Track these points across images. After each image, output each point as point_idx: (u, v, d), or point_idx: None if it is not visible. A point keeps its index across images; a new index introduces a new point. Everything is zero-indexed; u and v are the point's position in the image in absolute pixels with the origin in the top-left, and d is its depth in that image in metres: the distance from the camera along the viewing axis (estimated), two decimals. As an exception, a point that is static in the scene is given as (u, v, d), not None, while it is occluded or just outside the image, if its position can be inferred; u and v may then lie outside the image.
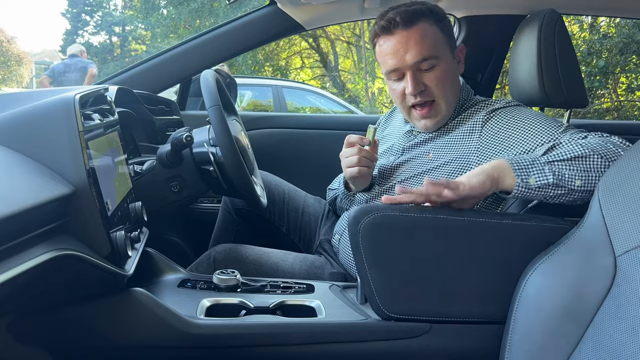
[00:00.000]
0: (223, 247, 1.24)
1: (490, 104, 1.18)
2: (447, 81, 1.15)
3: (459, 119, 1.21)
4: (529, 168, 0.91)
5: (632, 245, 0.74)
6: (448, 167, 1.15)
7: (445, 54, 1.15)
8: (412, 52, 1.11)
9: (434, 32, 1.13)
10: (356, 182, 1.24)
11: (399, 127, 1.36)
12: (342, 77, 13.80)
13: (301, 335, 0.91)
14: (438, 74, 1.13)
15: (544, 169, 0.91)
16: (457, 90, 1.20)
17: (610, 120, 6.31)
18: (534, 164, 0.92)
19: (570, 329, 0.78)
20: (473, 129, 1.15)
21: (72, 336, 0.86)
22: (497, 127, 1.11)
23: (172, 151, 1.19)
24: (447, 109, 1.18)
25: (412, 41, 1.11)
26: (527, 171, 0.91)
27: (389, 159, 1.29)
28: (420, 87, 1.13)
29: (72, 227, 0.73)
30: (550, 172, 0.90)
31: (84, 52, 5.84)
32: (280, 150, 1.90)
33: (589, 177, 0.90)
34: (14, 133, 0.75)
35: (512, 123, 1.09)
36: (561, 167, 0.90)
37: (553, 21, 1.21)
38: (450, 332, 0.92)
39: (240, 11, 10.78)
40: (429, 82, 1.14)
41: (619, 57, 6.32)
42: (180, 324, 0.86)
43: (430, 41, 1.12)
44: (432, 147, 1.20)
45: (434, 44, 1.12)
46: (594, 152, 0.91)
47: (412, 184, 1.18)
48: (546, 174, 0.90)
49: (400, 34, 1.11)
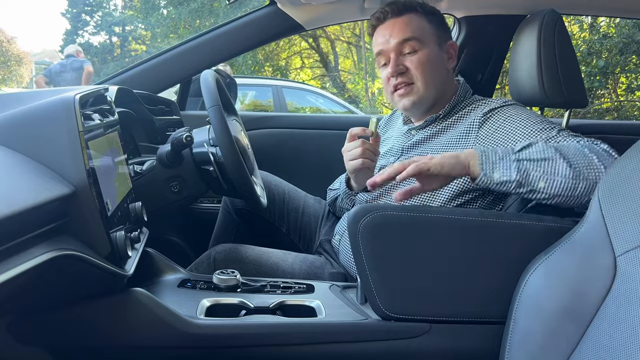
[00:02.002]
0: (223, 247, 1.24)
1: (487, 103, 1.19)
2: (429, 67, 1.20)
3: (456, 117, 1.22)
4: (496, 162, 0.93)
5: (632, 245, 0.74)
6: None
7: (431, 41, 1.21)
8: (396, 35, 1.20)
9: (421, 21, 1.22)
10: (358, 176, 1.23)
11: (399, 129, 1.37)
12: (342, 77, 13.80)
13: (301, 335, 0.91)
14: (420, 57, 1.19)
15: (510, 166, 0.92)
16: (440, 79, 1.23)
17: (610, 120, 6.31)
18: (503, 160, 0.93)
19: (570, 329, 0.78)
20: (470, 129, 1.15)
21: (72, 336, 0.86)
22: (494, 128, 1.12)
23: (172, 151, 1.19)
24: (426, 91, 1.20)
25: (398, 26, 1.21)
26: (493, 165, 0.92)
27: (389, 160, 1.29)
28: (401, 68, 1.20)
29: (72, 227, 0.73)
30: (516, 170, 0.91)
31: (81, 52, 5.86)
32: (280, 150, 1.90)
33: (554, 181, 0.90)
34: (14, 133, 0.75)
35: (508, 124, 1.10)
36: (528, 166, 0.91)
37: (553, 21, 1.22)
38: (450, 332, 0.92)
39: (240, 11, 10.79)
40: (410, 64, 1.20)
41: (619, 57, 6.32)
42: (180, 324, 0.86)
43: (414, 27, 1.20)
44: (430, 149, 1.20)
45: (418, 30, 1.20)
46: (564, 158, 0.91)
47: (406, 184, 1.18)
48: (511, 171, 0.91)
49: (389, 21, 1.23)
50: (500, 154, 0.94)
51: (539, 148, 0.94)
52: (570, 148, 0.94)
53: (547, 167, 0.91)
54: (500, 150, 0.95)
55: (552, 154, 0.92)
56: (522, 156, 0.93)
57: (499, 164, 0.92)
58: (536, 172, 0.91)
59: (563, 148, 0.94)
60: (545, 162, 0.91)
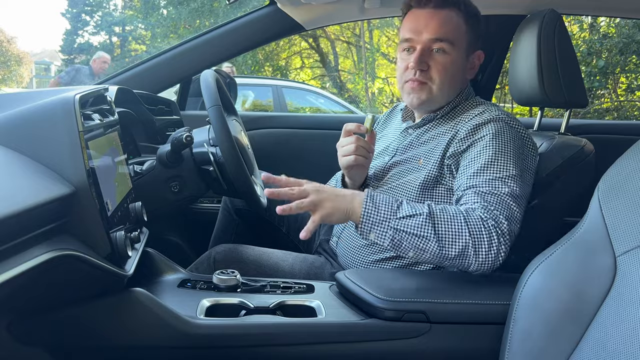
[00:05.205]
0: (223, 247, 1.24)
1: (479, 113, 1.14)
2: (450, 73, 1.16)
3: (450, 115, 1.20)
4: (375, 225, 0.97)
5: (632, 246, 0.74)
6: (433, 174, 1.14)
7: (461, 47, 1.17)
8: (430, 30, 1.14)
9: (460, 22, 1.16)
10: (352, 173, 1.22)
11: (397, 127, 1.35)
12: (342, 77, 13.81)
13: (301, 335, 0.91)
14: (445, 61, 1.15)
15: (387, 232, 0.96)
16: (455, 87, 1.20)
17: (610, 120, 6.31)
18: (382, 224, 0.96)
19: (570, 330, 0.78)
20: (453, 139, 1.13)
21: (72, 336, 0.85)
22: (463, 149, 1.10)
23: (172, 151, 1.19)
24: (439, 95, 1.18)
25: (435, 20, 1.14)
26: (371, 227, 0.97)
27: (384, 160, 1.28)
28: (423, 65, 1.15)
29: (72, 227, 0.73)
30: (390, 239, 0.96)
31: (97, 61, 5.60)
32: (280, 150, 1.90)
33: (421, 256, 0.97)
34: (14, 133, 0.75)
35: (475, 151, 1.08)
36: (403, 237, 0.96)
37: (553, 21, 1.22)
38: (450, 332, 0.92)
39: (240, 11, 10.78)
40: (434, 63, 1.15)
41: (619, 57, 6.31)
42: (180, 324, 0.86)
43: (451, 27, 1.15)
44: (423, 152, 1.18)
45: (454, 32, 1.15)
46: (437, 238, 0.95)
47: (402, 190, 1.17)
48: (385, 238, 0.96)
49: (429, 10, 1.15)
50: (383, 213, 0.97)
51: (419, 222, 0.96)
52: (450, 219, 0.96)
53: (419, 243, 0.95)
54: (383, 212, 0.97)
55: (428, 231, 0.95)
56: (401, 226, 0.96)
57: (377, 227, 0.97)
58: (408, 244, 0.96)
59: (441, 222, 0.96)
60: (418, 239, 0.95)
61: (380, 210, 0.97)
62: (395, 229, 0.96)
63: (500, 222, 0.97)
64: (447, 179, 1.13)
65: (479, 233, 0.95)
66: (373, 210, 0.97)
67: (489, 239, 0.95)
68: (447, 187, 1.13)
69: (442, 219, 0.97)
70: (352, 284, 0.97)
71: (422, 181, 1.13)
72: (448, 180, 1.13)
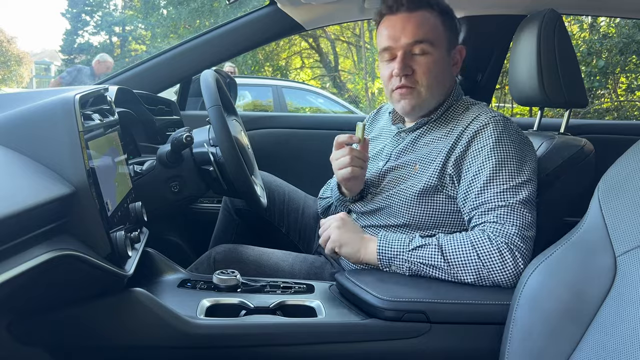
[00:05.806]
0: (223, 248, 1.24)
1: (475, 116, 1.13)
2: (435, 73, 1.14)
3: (444, 118, 1.18)
4: (392, 259, 1.04)
5: (632, 246, 0.74)
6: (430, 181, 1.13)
7: (441, 45, 1.15)
8: (408, 34, 1.12)
9: (435, 21, 1.14)
10: (349, 184, 1.20)
11: (388, 130, 1.32)
12: (342, 77, 13.82)
13: (301, 335, 0.91)
14: (428, 61, 1.13)
15: (403, 265, 1.03)
16: (443, 86, 1.17)
17: (610, 120, 6.31)
18: (397, 257, 1.04)
19: (570, 330, 0.78)
20: (449, 139, 1.12)
21: (72, 336, 0.86)
22: (465, 156, 1.09)
23: (172, 151, 1.19)
24: (428, 97, 1.15)
25: (411, 24, 1.12)
26: (390, 262, 1.05)
27: (378, 165, 1.24)
28: (408, 70, 1.13)
29: (72, 227, 0.73)
30: (408, 269, 1.03)
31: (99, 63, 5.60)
32: (280, 150, 1.90)
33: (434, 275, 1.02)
34: (14, 133, 0.75)
35: (478, 160, 1.07)
36: (418, 268, 1.02)
37: (553, 21, 1.22)
38: (450, 332, 0.92)
39: (240, 11, 10.79)
40: (418, 67, 1.13)
41: (619, 57, 6.31)
42: (180, 324, 0.86)
43: (428, 28, 1.13)
44: (419, 157, 1.16)
45: (431, 32, 1.13)
46: (448, 267, 0.99)
47: (399, 198, 1.15)
48: (404, 269, 1.03)
49: (402, 15, 1.14)
50: (395, 248, 1.04)
51: (430, 253, 1.01)
52: (458, 247, 1.00)
53: (434, 273, 1.01)
54: (393, 247, 1.04)
55: (439, 261, 1.00)
56: (413, 258, 1.02)
57: (394, 260, 1.04)
58: (423, 272, 1.02)
59: (449, 251, 1.00)
60: (433, 270, 1.01)
61: (394, 245, 1.04)
62: (409, 261, 1.02)
63: (512, 234, 0.98)
64: (448, 188, 1.11)
65: (488, 254, 0.97)
66: (385, 250, 1.05)
67: (500, 257, 0.97)
68: (447, 195, 1.11)
69: (450, 247, 1.00)
70: (352, 284, 0.97)
71: (421, 189, 1.11)
72: (449, 189, 1.11)
